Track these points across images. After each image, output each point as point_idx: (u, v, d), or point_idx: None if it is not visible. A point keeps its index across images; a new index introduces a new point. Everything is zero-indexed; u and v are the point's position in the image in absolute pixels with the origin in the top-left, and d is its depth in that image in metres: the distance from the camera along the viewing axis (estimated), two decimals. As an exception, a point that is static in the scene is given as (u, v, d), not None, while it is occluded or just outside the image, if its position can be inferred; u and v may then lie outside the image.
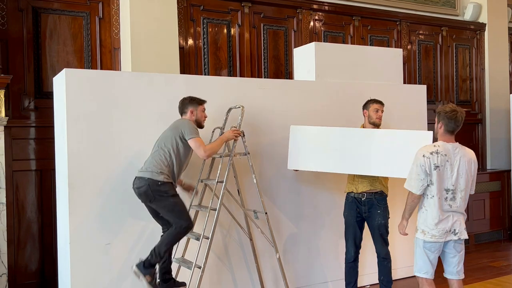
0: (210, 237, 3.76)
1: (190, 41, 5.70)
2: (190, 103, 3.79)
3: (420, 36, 7.48)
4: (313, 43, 5.01)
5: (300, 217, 4.73)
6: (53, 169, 4.51)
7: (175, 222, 3.57)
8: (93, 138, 3.84)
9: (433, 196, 3.36)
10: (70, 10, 5.10)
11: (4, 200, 4.58)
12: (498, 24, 8.01)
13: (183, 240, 3.95)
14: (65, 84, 3.77)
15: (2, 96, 4.56)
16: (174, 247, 3.86)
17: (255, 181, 4.02)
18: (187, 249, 4.02)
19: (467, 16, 7.84)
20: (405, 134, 4.01)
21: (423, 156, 3.34)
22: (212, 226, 3.78)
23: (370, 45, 6.84)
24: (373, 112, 4.27)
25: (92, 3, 5.21)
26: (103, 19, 5.24)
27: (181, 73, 5.36)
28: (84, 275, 3.77)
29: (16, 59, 4.84)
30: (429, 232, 3.39)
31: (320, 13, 6.57)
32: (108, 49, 5.27)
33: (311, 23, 6.47)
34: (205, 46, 5.78)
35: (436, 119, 3.46)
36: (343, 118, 4.81)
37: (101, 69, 5.17)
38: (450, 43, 7.78)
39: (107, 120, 3.90)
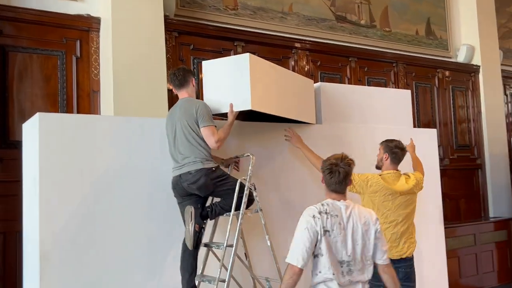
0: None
1: (179, 83, 5.18)
2: (190, 72, 3.62)
3: (417, 78, 7.24)
4: (319, 83, 4.56)
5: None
6: (19, 232, 3.87)
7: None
8: (70, 193, 3.26)
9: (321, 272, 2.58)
10: (43, 49, 4.64)
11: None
12: (491, 66, 7.87)
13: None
14: (38, 131, 3.24)
15: (-39, 146, 3.94)
16: None
17: (268, 244, 3.36)
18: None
19: (461, 58, 7.71)
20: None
21: (313, 216, 2.57)
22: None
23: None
24: None
25: (68, 41, 4.72)
26: (81, 59, 4.77)
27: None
28: None
29: (-22, 103, 4.25)
30: None
31: (316, 54, 6.27)
32: (86, 92, 4.77)
33: (307, 65, 6.15)
34: (196, 88, 5.23)
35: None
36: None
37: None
38: (446, 85, 7.57)
39: (86, 170, 3.34)
